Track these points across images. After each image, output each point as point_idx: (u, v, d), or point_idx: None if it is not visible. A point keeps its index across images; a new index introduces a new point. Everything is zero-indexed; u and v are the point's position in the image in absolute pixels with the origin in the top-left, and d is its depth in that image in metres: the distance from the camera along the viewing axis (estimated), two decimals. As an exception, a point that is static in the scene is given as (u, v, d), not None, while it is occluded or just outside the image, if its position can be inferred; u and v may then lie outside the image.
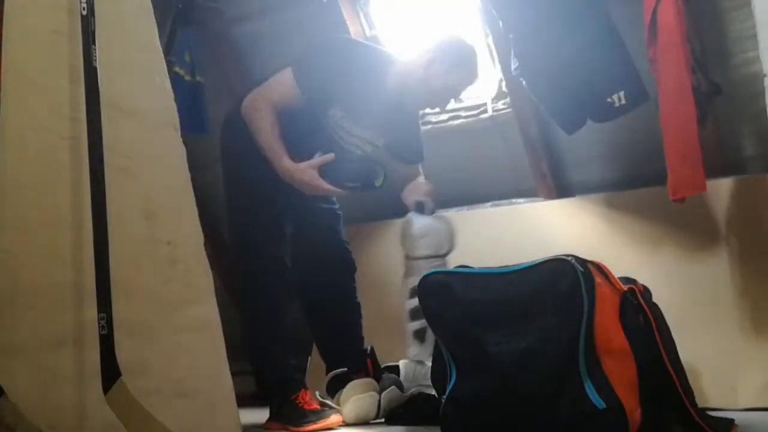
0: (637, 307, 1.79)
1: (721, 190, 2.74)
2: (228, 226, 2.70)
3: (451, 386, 1.87)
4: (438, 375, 1.97)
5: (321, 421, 2.28)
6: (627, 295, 1.79)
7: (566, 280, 1.72)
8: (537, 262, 1.78)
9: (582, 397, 1.68)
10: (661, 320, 1.88)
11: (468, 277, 1.87)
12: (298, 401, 2.34)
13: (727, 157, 2.87)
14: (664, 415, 1.77)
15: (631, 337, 1.74)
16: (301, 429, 2.27)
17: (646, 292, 2.00)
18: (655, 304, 1.98)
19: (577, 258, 1.76)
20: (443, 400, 1.89)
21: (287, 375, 2.40)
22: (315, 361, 2.62)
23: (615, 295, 1.78)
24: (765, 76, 2.04)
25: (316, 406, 2.37)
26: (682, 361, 1.91)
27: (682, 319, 2.02)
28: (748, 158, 2.87)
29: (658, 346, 1.76)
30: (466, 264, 1.98)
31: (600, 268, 1.81)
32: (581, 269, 1.72)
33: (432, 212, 2.63)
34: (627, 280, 1.96)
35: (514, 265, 1.84)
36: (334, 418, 2.30)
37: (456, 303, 1.84)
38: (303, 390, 2.38)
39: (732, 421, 1.95)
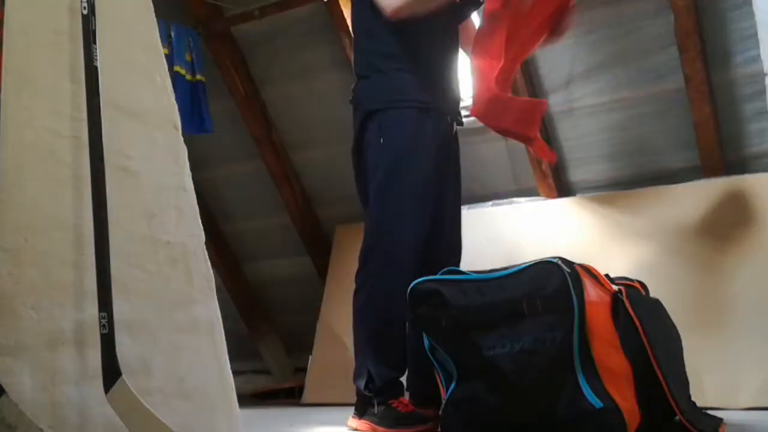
0: (624, 308, 1.79)
1: (721, 189, 2.74)
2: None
3: (452, 388, 1.87)
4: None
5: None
6: (618, 294, 1.80)
7: (555, 281, 1.73)
8: (524, 266, 1.80)
9: (579, 397, 1.69)
10: (654, 317, 1.89)
11: (457, 283, 1.88)
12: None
13: (727, 157, 2.88)
14: (658, 414, 1.78)
15: (624, 337, 1.75)
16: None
17: (643, 288, 2.01)
18: (656, 300, 1.99)
19: (563, 260, 1.78)
20: (444, 402, 1.90)
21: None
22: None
23: (606, 296, 1.79)
24: (765, 75, 2.04)
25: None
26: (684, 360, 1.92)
27: (682, 319, 2.02)
28: (748, 157, 2.87)
29: (644, 345, 1.76)
30: (462, 265, 2.00)
31: (588, 270, 1.82)
32: (568, 270, 1.73)
33: None
34: (623, 279, 1.97)
35: (501, 269, 1.85)
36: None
37: (448, 309, 1.85)
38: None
39: (721, 420, 1.96)
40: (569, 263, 1.78)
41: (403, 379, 2.37)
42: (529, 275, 1.79)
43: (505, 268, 1.86)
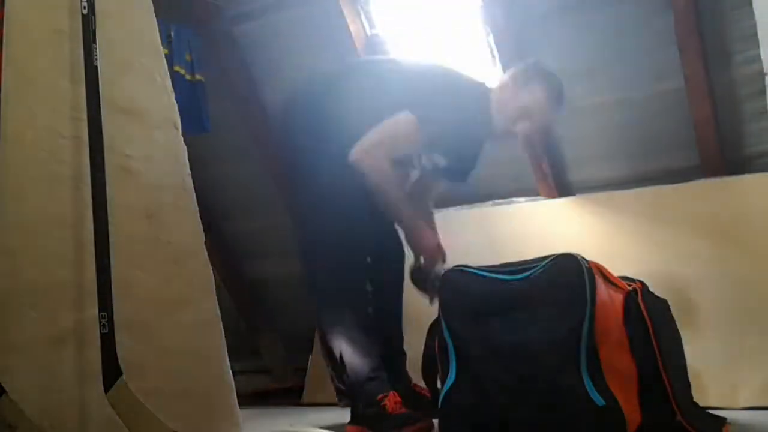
0: (638, 307, 1.80)
1: (721, 189, 2.74)
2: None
3: (451, 381, 1.87)
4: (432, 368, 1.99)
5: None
6: (631, 293, 1.80)
7: (574, 275, 1.74)
8: (547, 262, 1.80)
9: (582, 393, 1.69)
10: (663, 319, 1.89)
11: (484, 277, 1.89)
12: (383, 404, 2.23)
13: (727, 157, 2.88)
14: (659, 414, 1.78)
15: (633, 338, 1.75)
16: None
17: (644, 288, 2.01)
18: (665, 300, 1.99)
19: (580, 256, 1.78)
20: (442, 394, 1.90)
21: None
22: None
23: (618, 295, 1.79)
24: (766, 74, 2.04)
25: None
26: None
27: (682, 319, 2.02)
28: (748, 157, 2.87)
29: (653, 347, 1.76)
30: (465, 264, 1.99)
31: (599, 269, 1.82)
32: (586, 266, 1.74)
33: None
34: (624, 278, 1.97)
35: (529, 267, 1.85)
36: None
37: (468, 296, 1.87)
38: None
39: (725, 419, 1.96)
40: (585, 259, 1.79)
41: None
42: (551, 268, 1.80)
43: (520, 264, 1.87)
